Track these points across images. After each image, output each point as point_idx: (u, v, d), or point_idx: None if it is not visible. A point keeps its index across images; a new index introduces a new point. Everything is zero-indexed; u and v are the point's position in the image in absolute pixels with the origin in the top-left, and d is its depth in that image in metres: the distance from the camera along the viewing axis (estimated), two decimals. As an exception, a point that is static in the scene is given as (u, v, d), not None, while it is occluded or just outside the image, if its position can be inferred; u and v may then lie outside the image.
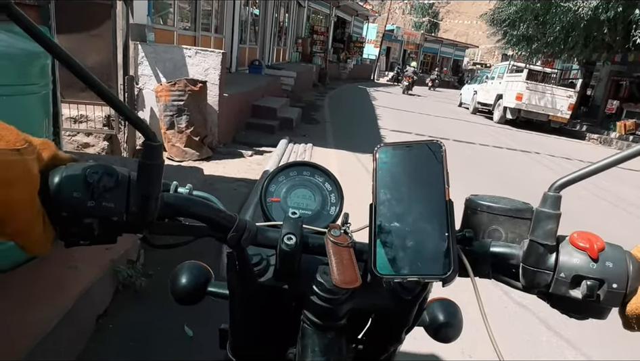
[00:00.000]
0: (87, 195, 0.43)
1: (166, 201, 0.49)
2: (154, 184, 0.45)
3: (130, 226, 0.46)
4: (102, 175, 0.44)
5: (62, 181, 0.43)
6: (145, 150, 0.43)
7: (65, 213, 0.43)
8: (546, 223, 0.47)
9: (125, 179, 0.45)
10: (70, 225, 0.44)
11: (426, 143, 0.49)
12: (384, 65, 34.50)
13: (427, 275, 0.44)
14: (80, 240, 0.46)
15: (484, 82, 16.32)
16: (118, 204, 0.44)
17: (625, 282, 0.45)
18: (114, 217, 0.44)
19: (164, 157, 0.46)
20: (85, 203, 0.43)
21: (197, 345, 1.98)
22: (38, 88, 1.84)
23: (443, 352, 2.16)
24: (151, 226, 0.47)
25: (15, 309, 1.67)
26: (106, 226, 0.45)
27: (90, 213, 0.43)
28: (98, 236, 0.45)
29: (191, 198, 0.52)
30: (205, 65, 5.18)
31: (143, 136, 0.43)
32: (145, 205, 0.45)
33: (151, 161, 0.44)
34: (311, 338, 0.55)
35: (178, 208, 0.50)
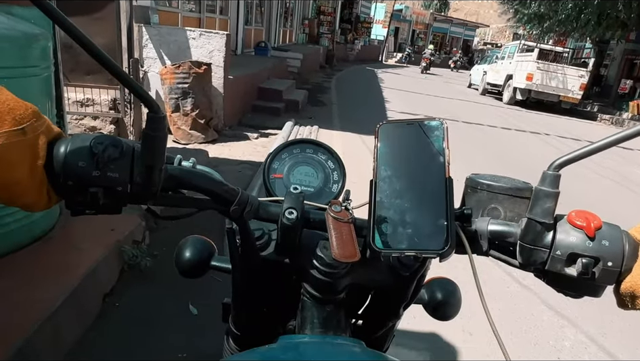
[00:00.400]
0: (92, 164, 0.44)
1: (170, 173, 0.50)
2: (158, 156, 0.46)
3: (135, 196, 0.47)
4: (107, 146, 0.45)
5: (68, 151, 0.45)
6: (149, 121, 0.45)
7: (71, 182, 0.44)
8: (545, 201, 0.47)
9: (130, 150, 0.46)
10: (76, 194, 0.45)
11: (428, 121, 0.49)
12: (392, 46, 33.99)
13: (425, 250, 0.45)
14: (85, 209, 0.47)
15: (493, 62, 16.03)
16: (122, 174, 0.46)
17: (620, 261, 0.45)
18: (119, 187, 0.46)
19: (167, 129, 0.47)
20: (90, 173, 0.45)
21: (201, 322, 2.02)
22: (39, 71, 1.85)
23: (444, 330, 2.19)
24: (155, 198, 0.48)
25: (22, 288, 1.72)
26: (111, 195, 0.46)
27: (95, 182, 0.45)
28: (103, 206, 0.46)
29: (195, 171, 0.53)
30: (209, 47, 5.15)
31: (147, 108, 0.44)
32: (149, 175, 0.46)
33: (155, 133, 0.45)
34: (310, 310, 0.57)
35: (182, 180, 0.51)
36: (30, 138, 0.42)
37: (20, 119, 0.41)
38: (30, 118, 0.42)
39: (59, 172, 0.44)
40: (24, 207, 0.45)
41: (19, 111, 0.42)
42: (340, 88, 12.07)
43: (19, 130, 0.41)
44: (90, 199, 0.45)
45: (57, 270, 1.88)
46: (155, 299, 2.13)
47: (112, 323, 1.93)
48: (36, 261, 1.91)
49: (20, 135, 0.41)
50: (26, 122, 0.42)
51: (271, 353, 0.49)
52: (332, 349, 0.51)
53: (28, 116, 0.42)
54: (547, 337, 2.30)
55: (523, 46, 14.54)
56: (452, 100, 13.02)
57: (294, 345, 0.52)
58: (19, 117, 0.41)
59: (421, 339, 2.12)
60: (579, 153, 0.46)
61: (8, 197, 0.43)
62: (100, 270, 2.00)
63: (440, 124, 0.49)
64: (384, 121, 0.51)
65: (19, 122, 0.41)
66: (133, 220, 2.43)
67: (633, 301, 0.46)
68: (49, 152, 0.44)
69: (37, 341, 1.54)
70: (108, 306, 2.02)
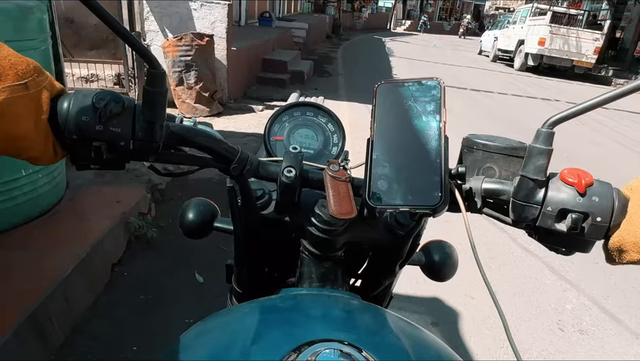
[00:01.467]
0: (95, 119, 0.46)
1: (172, 130, 0.51)
2: (158, 111, 0.47)
3: (137, 152, 0.48)
4: (109, 101, 0.46)
5: (72, 106, 0.46)
6: (149, 77, 0.46)
7: (75, 136, 0.46)
8: (537, 158, 0.48)
9: (131, 106, 0.48)
10: (80, 148, 0.47)
11: (425, 80, 0.50)
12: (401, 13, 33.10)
13: (418, 206, 0.46)
14: (90, 163, 0.49)
15: (505, 27, 15.57)
16: (124, 129, 0.47)
17: (609, 216, 0.46)
18: (121, 142, 0.47)
19: (167, 86, 0.48)
20: (93, 127, 0.46)
21: (207, 290, 2.08)
22: (37, 44, 1.85)
23: (445, 295, 2.22)
24: (156, 153, 0.50)
25: (32, 258, 1.77)
26: (114, 150, 0.47)
27: (98, 136, 0.46)
28: (107, 161, 0.48)
29: (196, 128, 0.54)
30: (211, 18, 5.07)
31: (147, 63, 0.45)
32: (151, 131, 0.47)
33: (155, 88, 0.46)
34: (308, 266, 0.59)
35: (183, 137, 0.52)
36: (33, 92, 0.43)
37: (22, 74, 0.42)
38: (32, 73, 0.43)
39: (63, 126, 0.46)
40: (31, 160, 0.46)
41: (21, 66, 0.42)
42: (347, 58, 11.88)
43: (22, 85, 0.42)
44: (94, 153, 0.46)
45: (66, 240, 1.93)
46: (162, 268, 2.19)
47: (121, 290, 2.00)
48: (45, 233, 1.97)
49: (23, 90, 0.42)
50: (28, 77, 0.43)
51: (270, 302, 0.51)
52: (329, 300, 0.53)
53: (30, 71, 0.43)
54: (549, 300, 2.33)
55: (536, 9, 14.05)
56: (462, 67, 12.75)
57: (292, 295, 0.54)
58: (22, 72, 0.42)
59: (423, 303, 2.16)
60: (573, 111, 0.45)
61: (15, 150, 0.44)
62: (107, 240, 2.05)
63: (438, 84, 0.49)
64: (382, 81, 0.52)
65: (21, 76, 0.42)
66: (138, 192, 2.47)
67: (620, 256, 0.47)
68: (52, 107, 0.45)
69: (50, 305, 1.60)
70: (117, 275, 2.08)
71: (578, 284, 2.49)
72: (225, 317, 0.51)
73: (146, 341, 1.74)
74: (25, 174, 1.91)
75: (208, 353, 0.43)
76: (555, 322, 2.16)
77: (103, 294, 1.95)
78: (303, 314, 0.49)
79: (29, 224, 1.99)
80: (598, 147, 5.53)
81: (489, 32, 17.78)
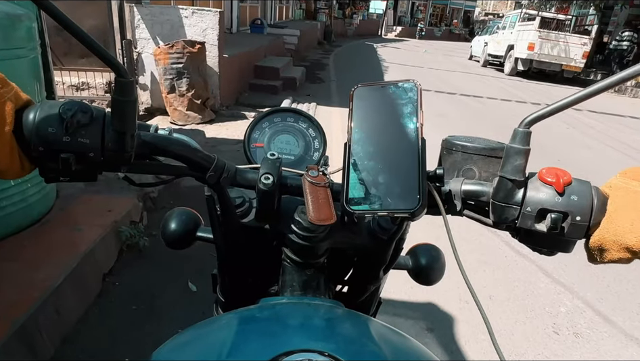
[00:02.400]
0: (62, 130, 0.44)
1: (144, 140, 0.50)
2: (128, 121, 0.46)
3: (108, 163, 0.47)
4: (76, 111, 0.45)
5: (37, 117, 0.45)
6: (117, 86, 0.45)
7: (42, 148, 0.45)
8: (515, 159, 0.47)
9: (100, 116, 0.46)
10: (48, 160, 0.46)
11: (401, 83, 0.49)
12: (392, 19, 33.37)
13: (397, 210, 0.45)
14: (59, 176, 0.47)
15: (494, 32, 15.74)
16: (93, 140, 0.46)
17: (589, 215, 0.46)
18: (90, 153, 0.46)
19: (137, 94, 0.47)
20: (61, 138, 0.45)
21: (200, 298, 2.05)
22: (25, 52, 1.84)
23: (440, 300, 2.22)
24: (129, 164, 0.49)
25: (22, 269, 1.74)
26: (83, 161, 0.46)
27: (66, 148, 0.45)
28: (76, 172, 0.47)
29: (169, 137, 0.53)
30: (202, 26, 5.07)
31: (114, 72, 0.44)
32: (121, 141, 0.46)
33: (124, 98, 0.45)
34: (290, 275, 0.58)
35: (156, 146, 0.51)
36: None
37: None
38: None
39: (29, 138, 0.44)
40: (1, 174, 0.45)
41: None
42: (339, 64, 11.92)
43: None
44: (62, 165, 0.45)
45: (57, 250, 1.91)
46: (154, 277, 2.16)
47: (113, 301, 1.97)
48: (35, 242, 1.94)
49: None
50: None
51: (249, 312, 0.50)
52: (308, 308, 0.52)
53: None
54: (543, 303, 2.33)
55: (525, 15, 14.23)
56: (453, 72, 12.85)
57: (271, 305, 0.53)
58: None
59: (418, 308, 2.15)
60: (550, 109, 0.45)
61: None
62: (98, 250, 2.03)
63: (414, 85, 0.49)
64: (359, 84, 0.51)
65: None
66: (130, 201, 2.45)
67: (601, 255, 0.47)
68: (18, 119, 0.44)
69: (40, 317, 1.57)
70: (108, 285, 2.05)
71: (571, 286, 2.50)
72: (201, 329, 0.50)
73: (138, 352, 1.71)
74: (14, 183, 1.88)
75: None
76: (550, 325, 2.16)
77: (94, 305, 1.92)
78: (281, 323, 0.48)
79: (19, 234, 1.96)
80: (589, 150, 5.59)
81: (479, 37, 17.96)
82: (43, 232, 2.03)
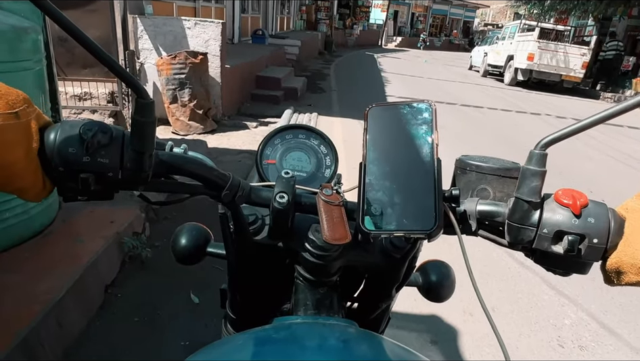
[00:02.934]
0: (82, 150, 0.45)
1: (161, 159, 0.50)
2: (147, 141, 0.46)
3: (126, 182, 0.47)
4: (96, 132, 0.45)
5: (58, 137, 0.45)
6: (137, 107, 0.45)
7: (62, 168, 0.45)
8: (531, 180, 0.47)
9: (119, 136, 0.47)
10: (67, 180, 0.46)
11: (416, 103, 0.50)
12: (392, 29, 33.61)
13: (413, 230, 0.45)
14: (77, 195, 0.48)
15: (494, 43, 15.85)
16: (112, 160, 0.46)
17: (606, 238, 0.46)
18: (109, 172, 0.46)
19: (155, 115, 0.47)
20: (81, 159, 0.45)
21: (203, 310, 2.04)
22: (31, 65, 1.85)
23: (444, 312, 2.20)
24: (146, 183, 0.49)
25: (24, 281, 1.74)
26: (102, 181, 0.46)
27: (85, 168, 0.45)
28: (95, 192, 0.47)
29: (185, 156, 0.53)
30: (205, 37, 5.11)
31: (135, 93, 0.44)
32: (139, 161, 0.46)
33: (144, 118, 0.45)
34: (304, 293, 0.58)
35: (173, 165, 0.51)
36: (24, 122, 0.43)
37: (13, 104, 0.42)
38: (22, 104, 0.43)
39: (50, 158, 0.45)
40: (20, 191, 0.45)
41: (11, 97, 0.42)
42: (339, 74, 11.99)
43: (13, 114, 0.42)
44: (82, 185, 0.45)
45: (59, 262, 1.90)
46: (156, 289, 2.15)
47: (115, 313, 1.96)
48: (37, 254, 1.93)
49: (14, 118, 0.42)
50: (18, 107, 0.42)
51: (264, 333, 0.50)
52: (324, 328, 0.51)
53: (20, 102, 0.43)
54: (547, 315, 2.31)
55: (524, 25, 14.34)
56: (453, 82, 12.91)
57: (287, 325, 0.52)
58: (12, 102, 0.42)
59: (422, 321, 2.13)
60: (566, 132, 0.46)
61: (4, 178, 0.43)
62: (101, 261, 2.02)
63: (429, 106, 0.49)
64: (373, 104, 0.51)
65: (12, 106, 0.42)
66: (133, 211, 2.44)
67: (619, 277, 0.47)
68: (40, 139, 0.45)
69: (42, 330, 1.56)
70: (110, 297, 2.04)
71: (575, 299, 2.48)
72: (218, 350, 0.49)
73: (141, 365, 1.70)
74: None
75: None
76: (555, 338, 2.14)
77: (97, 317, 1.91)
78: (299, 345, 0.48)
79: (21, 246, 1.96)
80: (591, 161, 5.59)
81: (479, 47, 18.08)
82: (45, 243, 2.03)
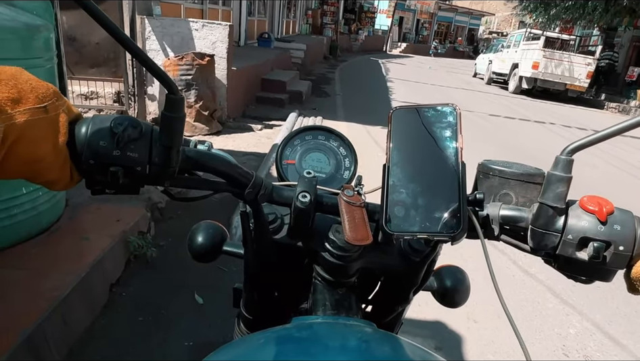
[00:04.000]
0: (113, 144, 0.45)
1: (187, 155, 0.50)
2: (176, 136, 0.47)
3: (153, 177, 0.48)
4: (127, 126, 0.46)
5: (90, 131, 0.45)
6: (167, 103, 0.46)
7: (92, 161, 0.45)
8: (557, 186, 0.47)
9: (148, 131, 0.47)
10: (97, 173, 0.46)
11: (440, 106, 0.50)
12: (397, 36, 33.70)
13: (437, 233, 0.45)
14: (105, 188, 0.48)
15: (499, 51, 15.87)
16: (141, 154, 0.46)
17: (632, 245, 0.46)
18: (138, 167, 0.47)
19: (184, 111, 0.48)
20: (111, 152, 0.45)
21: (207, 311, 2.04)
22: (43, 62, 1.86)
23: (448, 318, 2.19)
24: (172, 178, 0.49)
25: (30, 278, 1.74)
26: (130, 175, 0.47)
27: (115, 161, 0.46)
28: (122, 186, 0.47)
29: (211, 153, 0.54)
30: (212, 39, 5.13)
31: (166, 89, 0.45)
32: (167, 156, 0.47)
33: (173, 114, 0.46)
34: (322, 293, 0.58)
35: (198, 162, 0.51)
36: (52, 116, 0.43)
37: (42, 98, 0.42)
38: (51, 97, 0.43)
39: (80, 151, 0.45)
40: (48, 184, 0.46)
41: (41, 90, 0.43)
42: (344, 79, 12.01)
43: (42, 108, 0.42)
44: (111, 178, 0.45)
45: (65, 260, 1.90)
46: (161, 288, 2.15)
47: (119, 312, 1.95)
48: (44, 251, 1.93)
49: (43, 112, 0.42)
50: (47, 101, 0.43)
51: (286, 332, 0.50)
52: (345, 329, 0.51)
53: (50, 95, 0.43)
54: (552, 324, 2.30)
55: (529, 34, 14.37)
56: (457, 89, 12.92)
57: (308, 325, 0.52)
58: (42, 96, 0.42)
59: (426, 326, 2.13)
60: (593, 138, 0.46)
61: (33, 173, 0.44)
62: (107, 260, 2.02)
63: (453, 109, 0.49)
64: (397, 106, 0.52)
65: (41, 100, 0.42)
66: (138, 211, 2.44)
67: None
68: (70, 131, 0.45)
69: (47, 328, 1.56)
70: (115, 295, 2.04)
71: (580, 308, 2.47)
72: (239, 349, 0.49)
73: (145, 364, 1.70)
74: (25, 192, 1.89)
75: None
76: (560, 347, 2.13)
77: (101, 315, 1.91)
78: (321, 344, 0.48)
79: (28, 242, 1.96)
80: (593, 169, 5.58)
81: (483, 55, 18.11)
82: (52, 240, 2.03)
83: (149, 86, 5.13)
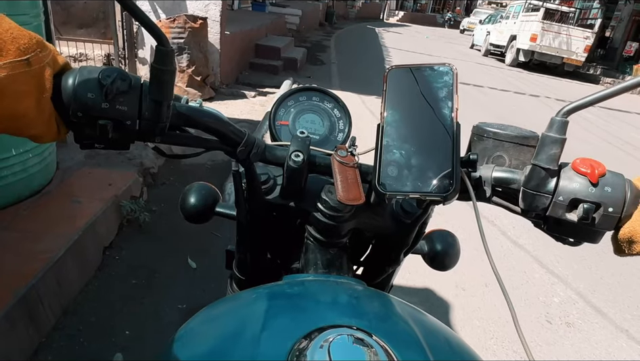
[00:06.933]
0: (101, 96, 0.44)
1: (178, 110, 0.49)
2: (166, 90, 0.45)
3: (143, 132, 0.47)
4: (115, 78, 0.44)
5: (77, 82, 0.44)
6: (157, 55, 0.44)
7: (80, 113, 0.44)
8: (550, 147, 0.47)
9: (138, 84, 0.46)
10: (85, 126, 0.45)
11: (437, 66, 0.49)
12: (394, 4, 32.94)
13: (429, 193, 0.45)
14: (94, 142, 0.47)
15: (498, 22, 15.62)
16: (130, 108, 0.45)
17: (621, 207, 0.46)
18: (127, 121, 0.45)
19: (175, 64, 0.46)
20: (99, 104, 0.44)
21: (200, 275, 2.06)
22: (29, 19, 1.79)
23: (437, 286, 2.24)
24: (162, 134, 0.48)
25: (23, 240, 1.73)
26: (120, 130, 0.46)
27: (104, 114, 0.44)
28: (112, 141, 0.46)
29: (202, 110, 0.53)
30: (205, 1, 4.98)
31: (156, 41, 0.43)
32: (158, 111, 0.46)
33: (163, 67, 0.45)
34: (314, 253, 0.58)
35: (189, 118, 0.50)
36: (36, 69, 0.41)
37: (25, 50, 0.40)
38: (34, 48, 0.41)
39: (67, 103, 0.44)
40: (33, 138, 0.44)
41: (23, 40, 0.40)
42: (340, 46, 11.79)
43: (24, 61, 0.40)
44: (100, 131, 0.44)
45: (57, 222, 1.90)
46: (154, 253, 2.16)
47: (113, 275, 1.97)
48: (35, 213, 1.93)
49: (25, 66, 0.40)
50: (30, 52, 0.40)
51: (278, 288, 0.50)
52: (336, 286, 0.52)
53: (33, 46, 0.40)
54: (537, 293, 2.37)
55: (529, 5, 14.12)
56: (454, 60, 12.76)
57: (299, 282, 0.53)
58: (24, 47, 0.40)
59: (415, 293, 2.18)
60: (589, 100, 0.45)
61: (16, 128, 0.42)
62: (99, 223, 2.02)
63: (450, 69, 0.48)
64: (393, 65, 0.51)
65: (23, 52, 0.40)
66: (130, 175, 2.43)
67: (630, 247, 0.47)
68: (56, 83, 0.43)
69: (41, 288, 1.57)
70: (108, 259, 2.05)
71: (565, 278, 2.54)
72: (231, 303, 0.50)
73: (138, 325, 1.73)
74: (15, 153, 1.86)
75: (216, 339, 0.43)
76: (543, 314, 2.20)
77: (95, 278, 1.93)
78: (311, 300, 0.48)
79: (19, 205, 1.95)
80: (588, 145, 5.62)
81: (481, 26, 17.81)
82: (43, 203, 2.02)
83: (139, 49, 4.99)
